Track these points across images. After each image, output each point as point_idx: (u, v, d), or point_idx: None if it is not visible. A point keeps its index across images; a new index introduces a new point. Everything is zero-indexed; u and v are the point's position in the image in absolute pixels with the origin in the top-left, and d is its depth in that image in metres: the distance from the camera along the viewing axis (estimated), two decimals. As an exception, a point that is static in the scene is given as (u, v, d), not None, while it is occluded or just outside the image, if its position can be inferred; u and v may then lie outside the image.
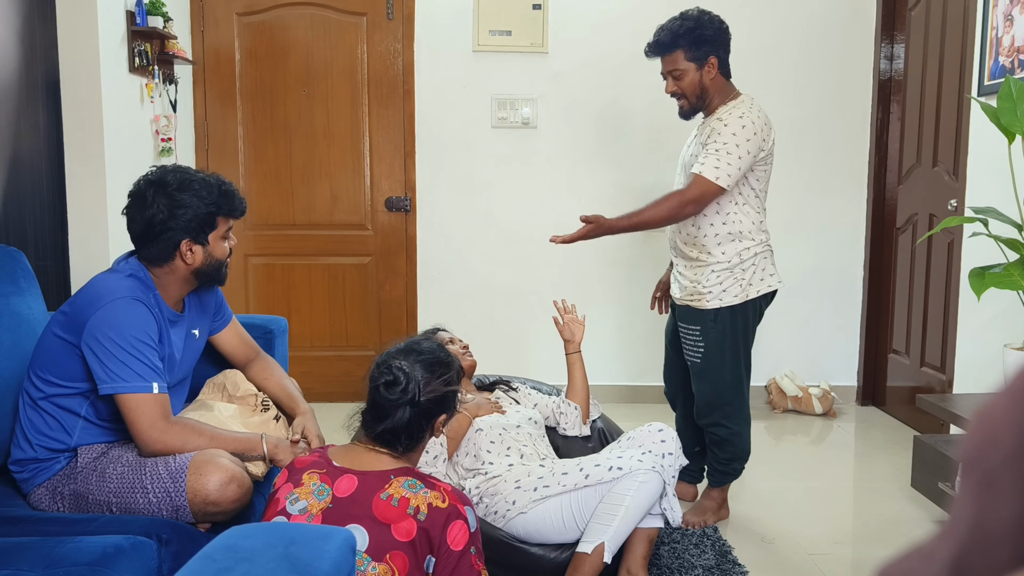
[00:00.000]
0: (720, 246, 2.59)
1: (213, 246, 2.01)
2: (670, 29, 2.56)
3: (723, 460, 2.76)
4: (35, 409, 1.90)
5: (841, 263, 4.22)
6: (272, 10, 4.02)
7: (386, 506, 1.58)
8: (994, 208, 2.54)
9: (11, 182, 2.74)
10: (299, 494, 1.62)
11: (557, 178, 4.13)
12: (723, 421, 2.70)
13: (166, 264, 1.98)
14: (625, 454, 2.15)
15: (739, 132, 2.47)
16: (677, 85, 2.58)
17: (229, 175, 4.02)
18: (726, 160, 2.46)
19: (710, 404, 2.71)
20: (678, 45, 2.54)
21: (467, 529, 1.61)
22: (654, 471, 2.08)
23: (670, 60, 2.56)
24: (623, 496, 2.06)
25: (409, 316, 4.20)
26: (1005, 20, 2.92)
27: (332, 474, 1.64)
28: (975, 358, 3.09)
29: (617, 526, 2.05)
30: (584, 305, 4.18)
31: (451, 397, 1.77)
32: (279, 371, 2.32)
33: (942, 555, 0.42)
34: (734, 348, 2.68)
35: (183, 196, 1.94)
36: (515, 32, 4.03)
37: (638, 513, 2.07)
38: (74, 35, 2.98)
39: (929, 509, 2.91)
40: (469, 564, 1.60)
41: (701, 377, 2.71)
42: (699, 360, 2.69)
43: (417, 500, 1.59)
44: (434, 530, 1.57)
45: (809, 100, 4.12)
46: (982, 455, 0.40)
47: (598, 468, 2.10)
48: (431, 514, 1.58)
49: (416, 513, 1.57)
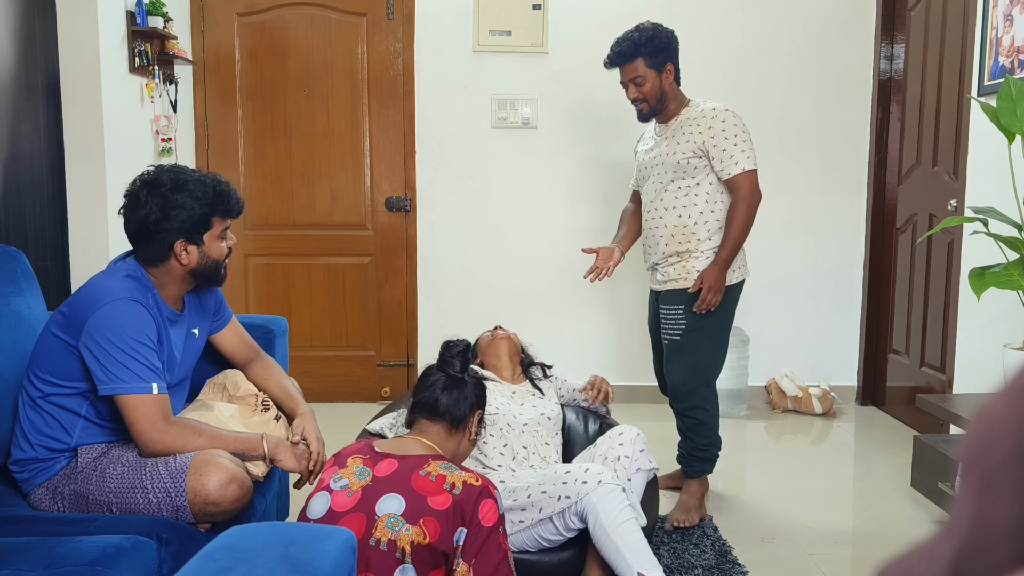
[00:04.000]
0: (711, 238, 2.74)
1: (209, 246, 1.99)
2: (630, 40, 2.74)
3: (701, 447, 2.78)
4: (35, 409, 1.90)
5: (841, 263, 4.22)
6: (272, 10, 4.02)
7: (424, 481, 1.71)
8: (994, 208, 2.54)
9: (11, 182, 2.74)
10: (343, 474, 1.76)
11: (557, 178, 4.13)
12: (700, 403, 2.75)
13: (162, 264, 1.97)
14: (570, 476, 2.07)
15: (737, 121, 2.69)
16: (639, 91, 2.76)
17: (229, 175, 4.03)
18: (744, 146, 2.67)
19: (685, 383, 2.74)
20: (639, 54, 2.72)
21: (497, 509, 1.71)
22: (601, 485, 2.03)
23: (631, 68, 2.75)
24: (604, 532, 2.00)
25: (409, 316, 4.20)
26: (1005, 20, 2.92)
27: (374, 459, 1.78)
28: (975, 358, 3.09)
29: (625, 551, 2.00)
30: (582, 305, 4.18)
31: (481, 393, 2.04)
32: (279, 371, 2.31)
33: (942, 555, 0.42)
34: (714, 328, 2.74)
35: (177, 196, 1.93)
36: (515, 32, 4.03)
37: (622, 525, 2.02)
38: (74, 35, 2.98)
39: (929, 509, 2.91)
40: (497, 542, 1.68)
41: (679, 353, 2.75)
42: (678, 337, 2.75)
43: (453, 477, 1.72)
44: (467, 504, 1.68)
45: (809, 100, 4.12)
46: (982, 455, 0.40)
47: (550, 499, 2.05)
48: (465, 489, 1.69)
49: (452, 488, 1.69)
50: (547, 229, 4.17)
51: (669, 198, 2.76)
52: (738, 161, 2.66)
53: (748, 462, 3.56)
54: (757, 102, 4.11)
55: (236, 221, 2.10)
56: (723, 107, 2.71)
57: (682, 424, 2.80)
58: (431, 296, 4.18)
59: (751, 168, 2.67)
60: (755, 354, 4.14)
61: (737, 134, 2.67)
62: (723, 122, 2.67)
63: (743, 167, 2.66)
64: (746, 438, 3.81)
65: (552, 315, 4.19)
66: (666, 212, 2.77)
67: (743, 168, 2.66)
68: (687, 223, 2.73)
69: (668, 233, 2.76)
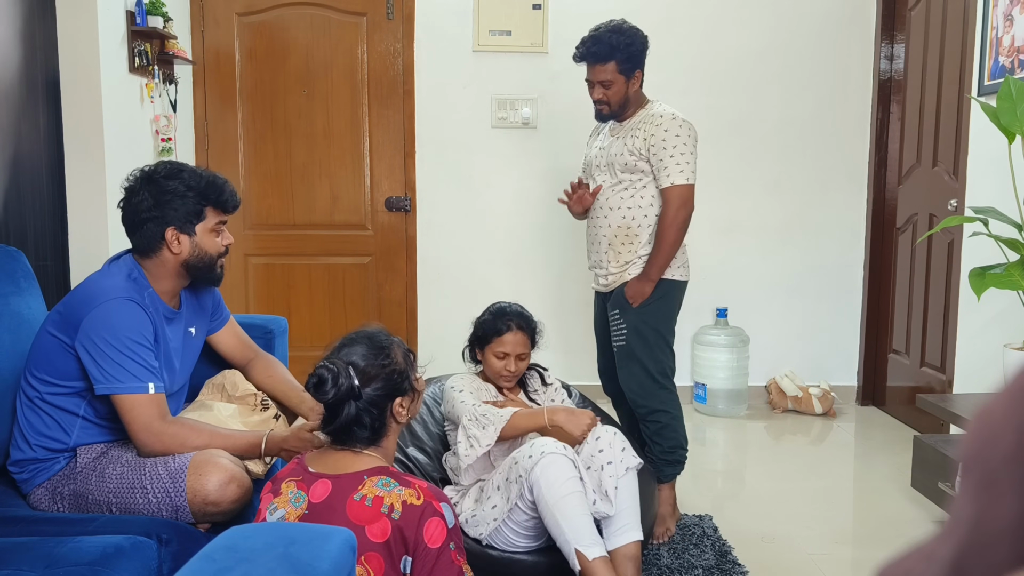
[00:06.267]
0: (651, 243, 2.67)
1: (202, 238, 1.98)
2: (607, 41, 2.63)
3: (669, 449, 2.68)
4: (32, 409, 1.90)
5: (841, 263, 4.22)
6: (272, 10, 4.02)
7: (360, 507, 1.56)
8: (994, 208, 2.54)
9: (11, 182, 2.74)
10: (278, 503, 1.62)
11: (557, 178, 4.13)
12: (660, 406, 2.65)
13: (155, 255, 1.96)
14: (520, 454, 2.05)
15: (680, 132, 2.60)
16: (604, 94, 2.67)
17: (229, 175, 4.02)
18: (682, 160, 2.59)
19: (642, 387, 2.65)
20: (613, 57, 2.63)
21: (444, 526, 1.57)
22: (544, 456, 1.98)
23: (601, 70, 2.65)
24: (546, 504, 1.97)
25: (409, 316, 4.20)
26: (1005, 20, 2.92)
27: (308, 480, 1.63)
28: (975, 358, 3.09)
29: (564, 524, 1.96)
30: (581, 304, 4.18)
31: (397, 379, 1.69)
32: (282, 368, 2.31)
33: (942, 555, 0.42)
34: (654, 332, 2.66)
35: (170, 183, 1.94)
36: (515, 32, 4.03)
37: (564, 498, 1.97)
38: (74, 35, 2.98)
39: (929, 509, 2.91)
40: (449, 560, 1.56)
41: (629, 359, 2.67)
42: (624, 342, 2.68)
43: (391, 498, 1.57)
44: (408, 529, 1.54)
45: (809, 100, 4.12)
46: (982, 455, 0.40)
47: (508, 483, 2.05)
48: (405, 512, 1.55)
49: (390, 512, 1.55)
50: (547, 230, 4.17)
51: (615, 198, 2.69)
52: (670, 174, 2.58)
53: (748, 462, 3.57)
54: (757, 102, 4.11)
55: (236, 221, 2.11)
56: (672, 115, 2.62)
57: (647, 430, 2.71)
58: (431, 296, 4.18)
59: (682, 183, 2.59)
60: (755, 354, 4.14)
61: (677, 145, 2.58)
62: (666, 131, 2.58)
63: (673, 180, 2.58)
64: (746, 438, 3.81)
65: (552, 315, 4.19)
66: (611, 212, 2.70)
67: (673, 182, 2.58)
68: (630, 224, 2.67)
69: (612, 233, 2.70)
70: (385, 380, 1.67)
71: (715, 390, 4.03)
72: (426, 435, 2.51)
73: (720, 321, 4.08)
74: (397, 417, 1.70)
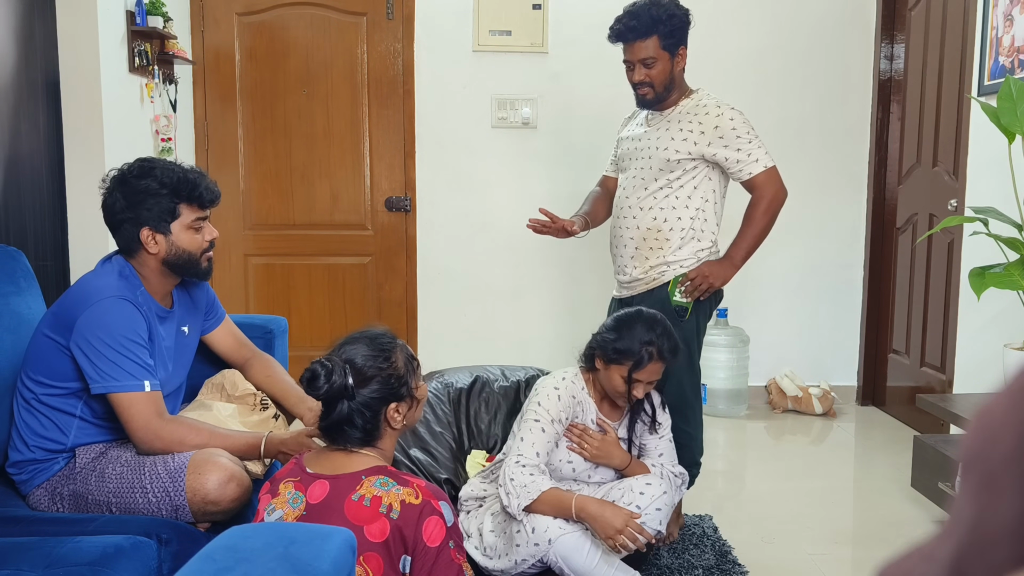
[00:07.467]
0: (682, 248, 2.49)
1: (178, 236, 1.95)
2: (647, 14, 2.40)
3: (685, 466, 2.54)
4: (29, 410, 1.90)
5: (841, 263, 4.22)
6: (272, 10, 4.02)
7: (358, 507, 1.55)
8: (994, 208, 2.54)
9: (11, 182, 2.74)
10: (276, 504, 1.61)
11: (557, 178, 4.13)
12: (683, 426, 2.49)
13: (136, 255, 1.96)
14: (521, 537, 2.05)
15: (743, 118, 2.46)
16: (647, 74, 2.45)
17: (229, 175, 4.04)
18: (759, 143, 2.46)
19: (681, 399, 2.48)
20: (655, 31, 2.41)
21: (443, 524, 1.56)
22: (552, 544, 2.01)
23: (642, 47, 2.43)
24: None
25: (409, 316, 4.20)
26: (1005, 20, 2.92)
27: (305, 481, 1.62)
28: (975, 358, 3.09)
29: None
30: (581, 304, 4.18)
31: (395, 384, 1.65)
32: (280, 368, 2.30)
33: (942, 555, 0.42)
34: (693, 347, 2.50)
35: (141, 183, 1.91)
36: (515, 32, 4.03)
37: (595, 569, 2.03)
38: (74, 35, 2.98)
39: (929, 509, 2.91)
40: (448, 559, 1.55)
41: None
42: None
43: (389, 498, 1.55)
44: (407, 528, 1.53)
45: (809, 100, 4.12)
46: (982, 455, 0.40)
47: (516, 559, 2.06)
48: (404, 511, 1.54)
49: (389, 512, 1.54)
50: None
51: (648, 198, 2.49)
52: (758, 159, 2.43)
53: (748, 462, 3.57)
54: (757, 101, 4.10)
55: (236, 221, 2.10)
56: (727, 104, 2.48)
57: None
58: (431, 296, 4.18)
59: (771, 165, 2.45)
60: (755, 354, 4.14)
61: (749, 131, 2.44)
62: (731, 119, 2.43)
63: (765, 164, 2.44)
64: (746, 438, 3.81)
65: (552, 315, 4.19)
66: (640, 212, 2.51)
67: (765, 165, 2.43)
68: (660, 227, 2.47)
69: (640, 236, 2.51)
70: (382, 383, 1.64)
71: (715, 390, 4.03)
72: (429, 436, 2.50)
73: (720, 321, 4.08)
74: (391, 423, 1.67)
